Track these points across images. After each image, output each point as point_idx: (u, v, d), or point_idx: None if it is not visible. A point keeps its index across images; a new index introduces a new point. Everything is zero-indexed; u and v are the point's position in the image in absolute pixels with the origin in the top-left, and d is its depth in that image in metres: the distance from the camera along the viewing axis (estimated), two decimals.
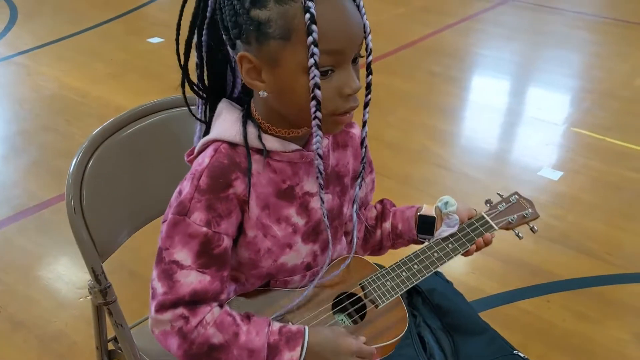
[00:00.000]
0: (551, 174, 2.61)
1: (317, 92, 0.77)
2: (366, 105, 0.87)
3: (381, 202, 1.14)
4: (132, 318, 1.16)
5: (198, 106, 0.93)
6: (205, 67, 0.88)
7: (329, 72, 0.78)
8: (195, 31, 0.85)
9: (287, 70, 0.78)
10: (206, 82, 0.90)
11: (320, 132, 0.80)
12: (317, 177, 0.86)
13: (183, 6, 0.86)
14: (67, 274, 2.02)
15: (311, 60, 0.75)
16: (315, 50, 0.74)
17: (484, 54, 4.04)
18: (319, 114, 0.78)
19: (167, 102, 1.12)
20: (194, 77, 0.90)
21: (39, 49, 3.85)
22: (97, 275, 1.01)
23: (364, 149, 0.93)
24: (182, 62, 0.87)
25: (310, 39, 0.74)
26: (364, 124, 0.89)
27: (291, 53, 0.77)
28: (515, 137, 3.05)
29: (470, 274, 2.03)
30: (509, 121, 3.18)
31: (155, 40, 3.90)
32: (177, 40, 0.87)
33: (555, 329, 1.82)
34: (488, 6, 4.81)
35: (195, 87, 0.90)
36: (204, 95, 0.91)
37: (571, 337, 1.80)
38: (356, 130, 1.01)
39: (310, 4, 0.73)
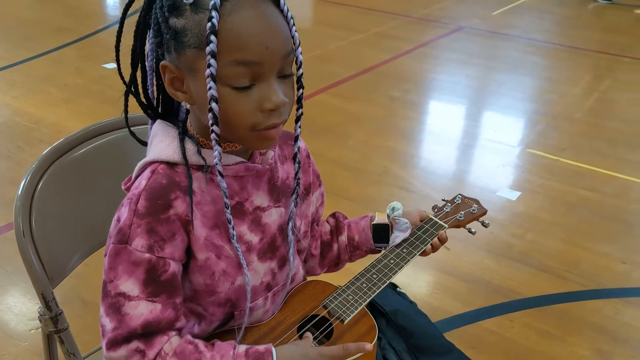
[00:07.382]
0: (509, 194, 2.65)
1: (214, 105, 0.75)
2: (298, 119, 0.86)
3: (333, 215, 1.14)
4: (85, 350, 1.10)
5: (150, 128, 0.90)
6: (154, 82, 0.86)
7: (251, 85, 0.76)
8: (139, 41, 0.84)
9: (203, 80, 0.75)
10: (155, 97, 0.88)
11: (219, 148, 0.78)
12: (223, 198, 0.81)
13: (126, 11, 0.84)
14: (17, 305, 1.93)
15: (207, 71, 0.73)
16: (212, 61, 0.73)
17: (441, 79, 4.11)
18: (215, 128, 0.76)
19: (121, 122, 1.09)
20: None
21: None
22: (48, 302, 0.96)
23: (297, 164, 0.91)
24: (131, 73, 0.85)
25: (207, 49, 0.73)
26: (296, 138, 0.88)
27: (205, 63, 0.74)
28: (473, 159, 3.10)
29: (434, 294, 2.02)
30: (466, 143, 3.23)
31: (111, 66, 3.83)
32: (117, 47, 0.86)
33: (519, 348, 1.83)
34: (443, 33, 4.92)
35: (141, 103, 0.88)
36: (149, 111, 0.88)
37: (535, 355, 1.80)
38: (302, 144, 0.99)
39: (214, 13, 0.72)
